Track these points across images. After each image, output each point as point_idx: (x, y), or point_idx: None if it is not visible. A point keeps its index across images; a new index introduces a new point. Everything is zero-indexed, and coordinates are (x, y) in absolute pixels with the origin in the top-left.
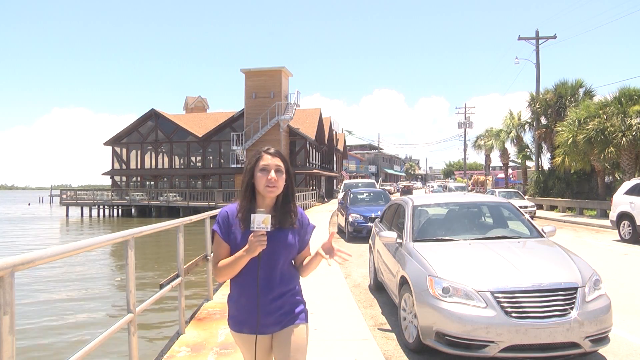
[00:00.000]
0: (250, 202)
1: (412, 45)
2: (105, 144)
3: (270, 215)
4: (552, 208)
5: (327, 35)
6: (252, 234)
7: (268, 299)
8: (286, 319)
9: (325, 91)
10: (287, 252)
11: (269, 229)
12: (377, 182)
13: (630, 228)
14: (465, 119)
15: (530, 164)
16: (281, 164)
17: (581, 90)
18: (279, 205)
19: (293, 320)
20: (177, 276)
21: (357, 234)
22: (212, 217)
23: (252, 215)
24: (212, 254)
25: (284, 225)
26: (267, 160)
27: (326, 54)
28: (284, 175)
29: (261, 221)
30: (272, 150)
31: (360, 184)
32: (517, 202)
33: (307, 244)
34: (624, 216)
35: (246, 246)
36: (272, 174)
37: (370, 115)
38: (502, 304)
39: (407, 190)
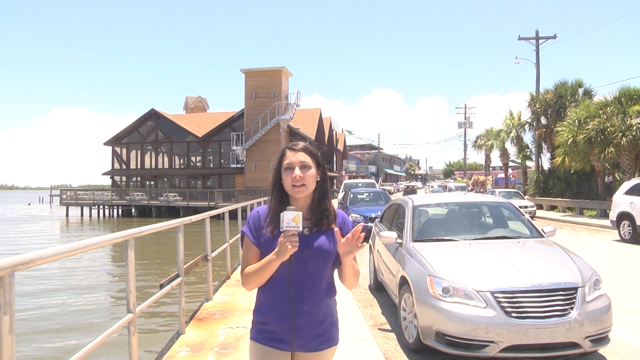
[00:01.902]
0: (280, 204)
1: (410, 45)
2: (105, 144)
3: (300, 213)
4: (552, 208)
5: (326, 35)
6: (282, 234)
7: (302, 312)
8: (315, 342)
9: (324, 91)
10: (323, 259)
11: (300, 228)
12: (377, 182)
13: (630, 228)
14: (465, 119)
15: (530, 164)
16: (307, 158)
17: (581, 90)
18: (315, 206)
19: (323, 344)
20: (177, 276)
21: None
22: (212, 217)
23: (282, 214)
24: (210, 253)
25: (321, 227)
26: (290, 157)
27: (325, 54)
28: (313, 171)
29: (291, 219)
30: (297, 145)
31: (360, 184)
32: (517, 202)
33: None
34: (624, 216)
35: (276, 248)
36: (297, 171)
37: (369, 116)
38: (502, 304)
39: (410, 191)
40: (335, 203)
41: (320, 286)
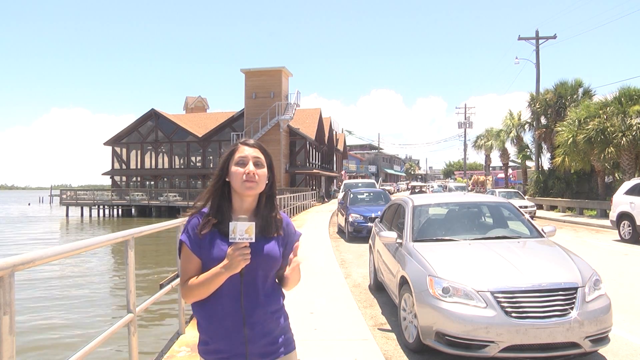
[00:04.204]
0: (223, 201)
1: (409, 46)
2: (105, 144)
3: (254, 223)
4: (552, 208)
5: (325, 35)
6: (231, 246)
7: (254, 324)
8: (272, 348)
9: (322, 91)
10: (272, 267)
11: (253, 240)
12: (377, 182)
13: (630, 228)
14: (465, 119)
15: (530, 164)
16: (261, 156)
17: (581, 90)
18: (261, 209)
19: (282, 350)
20: (177, 276)
21: (357, 234)
22: None
23: (232, 224)
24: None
25: (269, 233)
26: (244, 151)
27: (323, 54)
28: (265, 170)
29: (244, 230)
30: (250, 141)
31: (360, 184)
32: (517, 202)
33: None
34: (624, 216)
35: (225, 261)
36: (251, 166)
37: (368, 116)
38: (502, 304)
39: (418, 191)
40: (335, 203)
41: (271, 293)
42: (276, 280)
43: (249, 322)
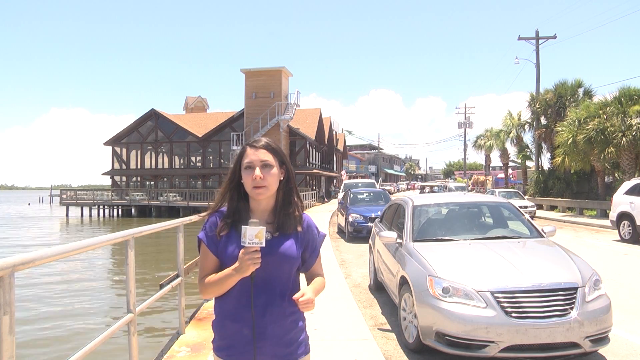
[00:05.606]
0: (240, 203)
1: (409, 46)
2: (105, 144)
3: (264, 228)
4: (552, 208)
5: (324, 35)
6: (242, 249)
7: (265, 325)
8: (286, 351)
9: (321, 91)
10: (288, 266)
11: (263, 244)
12: (377, 182)
13: (630, 228)
14: (465, 119)
15: (530, 164)
16: (269, 157)
17: (581, 90)
18: (278, 207)
19: (296, 353)
20: (177, 276)
21: (357, 234)
22: None
23: (243, 228)
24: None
25: (286, 230)
26: (251, 155)
27: (323, 54)
28: (275, 170)
29: (254, 235)
30: (258, 142)
31: (360, 184)
32: (517, 202)
33: (316, 258)
34: (624, 216)
35: (236, 264)
36: (257, 171)
37: (367, 116)
38: (502, 304)
39: (429, 191)
40: (335, 203)
41: (285, 293)
42: (297, 279)
43: (259, 323)
